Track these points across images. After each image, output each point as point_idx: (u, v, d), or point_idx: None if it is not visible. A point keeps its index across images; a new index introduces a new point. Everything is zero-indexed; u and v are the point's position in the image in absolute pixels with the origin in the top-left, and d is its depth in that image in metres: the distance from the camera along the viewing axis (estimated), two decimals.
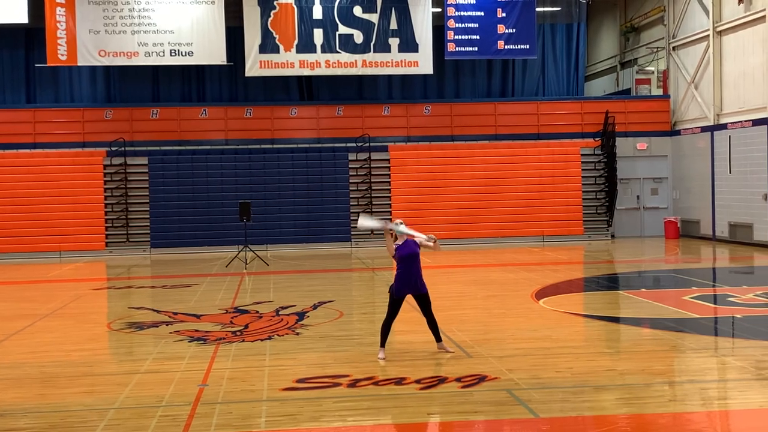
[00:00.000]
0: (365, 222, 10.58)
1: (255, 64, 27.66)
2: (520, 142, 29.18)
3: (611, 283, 18.18)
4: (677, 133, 29.38)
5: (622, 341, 11.66)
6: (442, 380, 9.14)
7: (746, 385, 8.88)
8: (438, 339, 10.60)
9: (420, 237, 10.35)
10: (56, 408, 8.44)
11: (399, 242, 10.29)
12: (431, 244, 10.38)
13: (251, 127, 28.82)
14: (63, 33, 26.73)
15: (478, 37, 28.40)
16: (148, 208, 27.58)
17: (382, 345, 10.42)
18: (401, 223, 10.34)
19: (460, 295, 16.48)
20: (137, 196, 27.72)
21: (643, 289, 16.90)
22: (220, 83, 30.26)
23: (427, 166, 28.48)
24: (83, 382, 9.64)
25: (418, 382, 9.09)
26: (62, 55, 26.82)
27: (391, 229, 10.24)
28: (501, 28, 28.43)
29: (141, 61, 27.48)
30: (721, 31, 26.52)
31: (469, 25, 28.35)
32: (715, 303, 14.62)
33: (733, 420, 7.82)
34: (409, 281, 10.28)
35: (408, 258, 10.24)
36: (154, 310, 14.81)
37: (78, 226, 27.02)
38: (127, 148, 27.71)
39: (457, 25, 28.33)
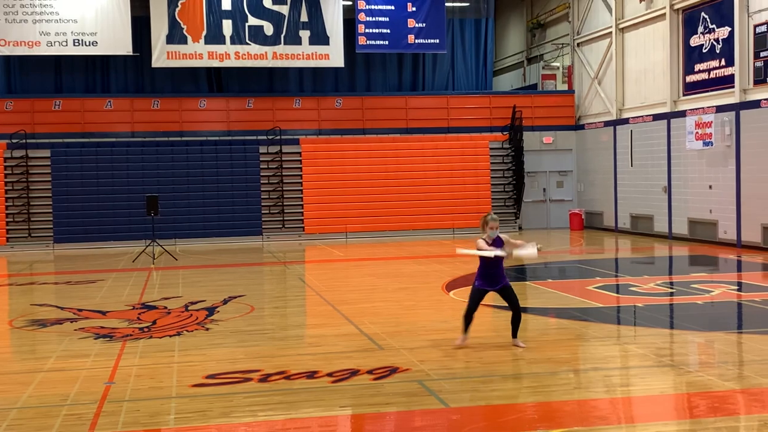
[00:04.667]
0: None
1: (162, 55, 27.15)
2: (431, 136, 29.44)
3: (519, 274, 18.52)
4: (581, 127, 30.13)
5: (529, 331, 11.90)
6: (354, 373, 9.17)
7: (647, 371, 9.18)
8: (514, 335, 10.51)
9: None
10: None
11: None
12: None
13: (158, 119, 28.25)
14: None
15: (388, 31, 28.55)
16: (50, 202, 26.78)
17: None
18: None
19: (371, 287, 16.55)
20: (39, 189, 26.89)
21: (549, 280, 17.29)
22: (125, 74, 29.57)
23: (339, 159, 28.47)
24: None
25: (330, 375, 9.10)
26: None
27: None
28: (411, 23, 28.64)
29: (43, 50, 26.66)
30: (623, 28, 27.30)
31: (380, 18, 28.47)
32: (617, 292, 15.07)
33: (636, 406, 8.07)
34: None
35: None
36: (58, 307, 14.41)
37: None
38: (28, 141, 26.82)
39: (367, 18, 28.41)
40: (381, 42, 28.60)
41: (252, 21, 27.64)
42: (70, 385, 8.92)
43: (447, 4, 29.42)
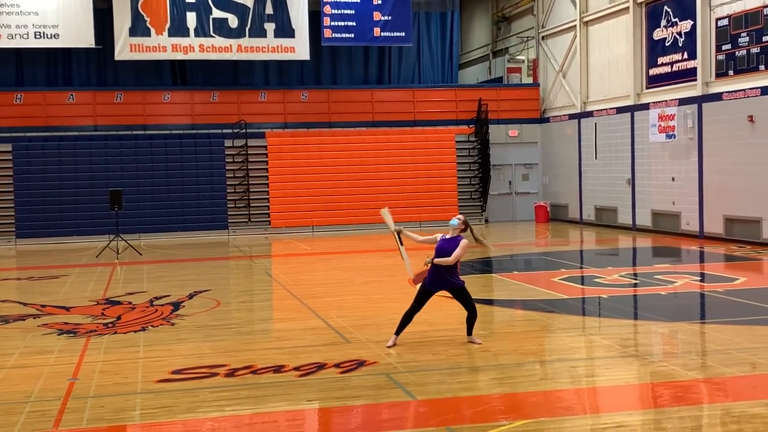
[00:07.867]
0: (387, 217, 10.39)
1: (125, 48, 26.83)
2: (397, 129, 29.46)
3: (485, 266, 18.61)
4: (546, 120, 30.32)
5: (496, 323, 11.97)
6: (321, 366, 9.16)
7: (612, 362, 9.27)
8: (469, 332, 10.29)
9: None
10: None
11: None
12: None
13: (122, 113, 27.92)
14: None
15: (354, 24, 28.46)
16: (12, 197, 26.39)
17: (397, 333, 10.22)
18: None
19: (338, 281, 16.53)
20: (1, 184, 26.49)
21: (515, 272, 17.39)
22: (88, 67, 29.15)
23: (305, 152, 28.37)
24: None
25: (297, 369, 9.08)
26: None
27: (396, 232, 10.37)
28: (377, 16, 28.58)
29: (3, 43, 26.22)
30: (587, 22, 27.48)
31: (346, 11, 28.37)
32: (582, 284, 15.20)
33: (601, 396, 8.15)
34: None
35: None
36: (21, 303, 14.22)
37: None
38: None
39: (333, 11, 28.29)
40: (347, 35, 28.51)
41: (216, 13, 27.41)
42: (33, 382, 8.81)
43: None
